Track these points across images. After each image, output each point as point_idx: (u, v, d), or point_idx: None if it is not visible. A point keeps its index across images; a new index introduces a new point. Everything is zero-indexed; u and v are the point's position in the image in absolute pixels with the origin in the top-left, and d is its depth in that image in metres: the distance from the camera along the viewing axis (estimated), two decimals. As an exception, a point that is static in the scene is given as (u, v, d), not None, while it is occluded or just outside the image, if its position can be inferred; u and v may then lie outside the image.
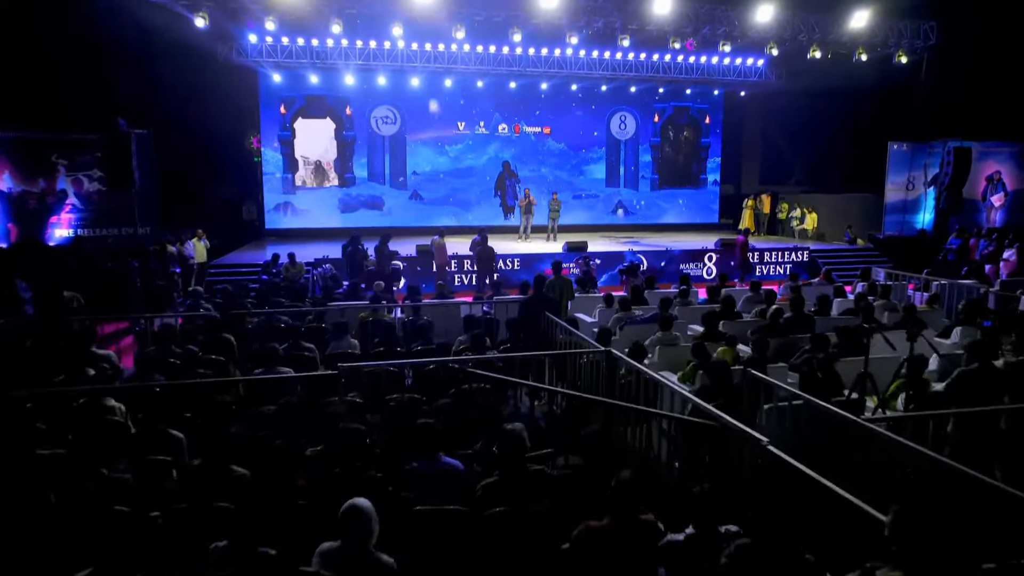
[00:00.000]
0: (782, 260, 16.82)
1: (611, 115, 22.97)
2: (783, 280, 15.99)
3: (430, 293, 14.64)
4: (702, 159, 23.89)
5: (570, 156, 22.87)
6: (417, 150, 21.69)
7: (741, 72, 21.33)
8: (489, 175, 22.25)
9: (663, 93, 22.68)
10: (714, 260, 16.40)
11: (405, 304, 8.75)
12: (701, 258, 16.37)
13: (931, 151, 17.35)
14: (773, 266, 16.77)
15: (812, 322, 7.59)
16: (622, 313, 7.86)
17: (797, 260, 16.76)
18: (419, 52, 18.76)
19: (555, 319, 6.60)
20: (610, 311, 8.61)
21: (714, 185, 24.11)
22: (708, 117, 23.62)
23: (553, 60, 19.83)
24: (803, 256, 16.76)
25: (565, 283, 8.50)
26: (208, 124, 17.97)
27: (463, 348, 6.52)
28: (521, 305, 7.22)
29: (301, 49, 18.30)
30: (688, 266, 16.14)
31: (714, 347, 6.40)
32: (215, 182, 19.44)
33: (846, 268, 16.67)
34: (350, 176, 21.32)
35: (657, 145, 23.39)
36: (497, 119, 22.05)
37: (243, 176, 20.64)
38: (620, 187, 23.42)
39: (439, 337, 7.94)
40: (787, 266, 16.65)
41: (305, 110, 20.71)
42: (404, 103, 21.19)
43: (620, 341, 7.65)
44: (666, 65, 20.75)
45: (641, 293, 9.30)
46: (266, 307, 8.93)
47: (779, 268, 16.72)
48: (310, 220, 21.05)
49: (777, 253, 16.85)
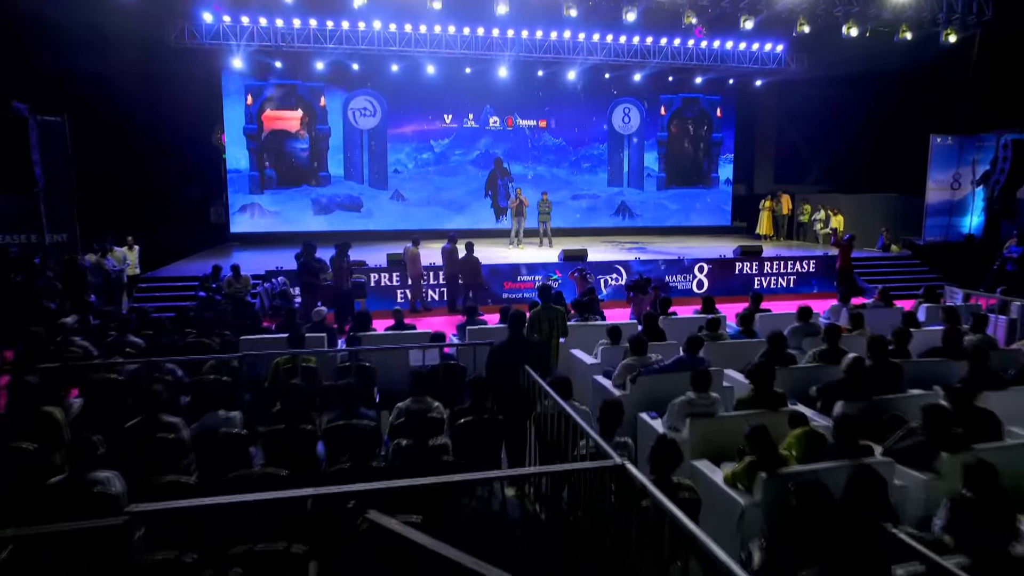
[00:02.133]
0: (803, 270, 14.64)
1: (614, 107, 20.84)
2: (795, 295, 13.84)
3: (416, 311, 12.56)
4: (713, 156, 21.76)
5: (568, 152, 20.74)
6: (399, 145, 19.57)
7: (758, 58, 19.20)
8: (479, 173, 20.14)
9: (671, 83, 20.54)
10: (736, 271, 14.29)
11: (341, 348, 6.57)
12: (733, 267, 14.25)
13: (981, 145, 15.22)
14: (790, 277, 14.60)
15: (899, 373, 5.47)
16: (634, 359, 5.74)
17: (812, 271, 14.52)
18: (397, 34, 16.64)
19: (538, 380, 4.46)
20: (616, 350, 6.49)
21: (726, 184, 21.98)
22: (720, 109, 21.48)
23: (549, 44, 17.72)
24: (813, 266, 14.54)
25: (555, 315, 6.38)
26: (158, 115, 15.83)
27: (400, 423, 4.41)
28: (490, 356, 5.13)
29: (263, 31, 16.17)
30: (677, 279, 14.02)
31: (773, 421, 4.28)
32: (168, 181, 17.28)
33: (880, 279, 14.56)
34: (324, 174, 19.21)
35: (664, 140, 21.26)
36: (488, 111, 19.93)
37: (204, 175, 18.51)
38: (623, 186, 21.30)
39: (390, 386, 5.86)
40: (811, 278, 14.52)
41: (273, 100, 18.60)
42: (384, 93, 19.08)
43: (632, 398, 5.53)
44: (675, 50, 18.64)
45: (655, 322, 7.19)
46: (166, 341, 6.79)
47: (784, 280, 14.56)
48: (280, 223, 18.95)
49: (796, 262, 14.64)
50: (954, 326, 6.63)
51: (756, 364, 5.01)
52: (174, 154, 17.28)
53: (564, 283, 13.05)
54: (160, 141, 16.75)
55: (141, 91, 15.02)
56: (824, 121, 20.23)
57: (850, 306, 8.85)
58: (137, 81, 14.91)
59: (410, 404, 4.59)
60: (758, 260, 14.34)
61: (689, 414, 4.69)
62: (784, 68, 19.22)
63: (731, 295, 13.70)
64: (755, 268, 14.29)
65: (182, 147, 17.42)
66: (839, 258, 13.23)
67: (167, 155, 17.10)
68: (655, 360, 5.84)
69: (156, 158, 16.84)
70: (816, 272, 14.59)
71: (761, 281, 14.37)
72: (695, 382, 4.79)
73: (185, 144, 17.46)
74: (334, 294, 10.48)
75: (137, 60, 14.76)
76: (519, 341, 5.20)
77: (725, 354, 6.72)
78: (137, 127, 16.06)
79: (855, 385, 4.88)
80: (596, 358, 6.73)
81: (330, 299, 10.69)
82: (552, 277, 13.32)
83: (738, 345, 6.98)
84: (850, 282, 13.22)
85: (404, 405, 4.58)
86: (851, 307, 8.84)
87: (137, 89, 15.13)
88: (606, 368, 6.38)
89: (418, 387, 4.65)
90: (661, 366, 5.74)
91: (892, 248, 16.80)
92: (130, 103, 15.32)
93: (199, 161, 18.15)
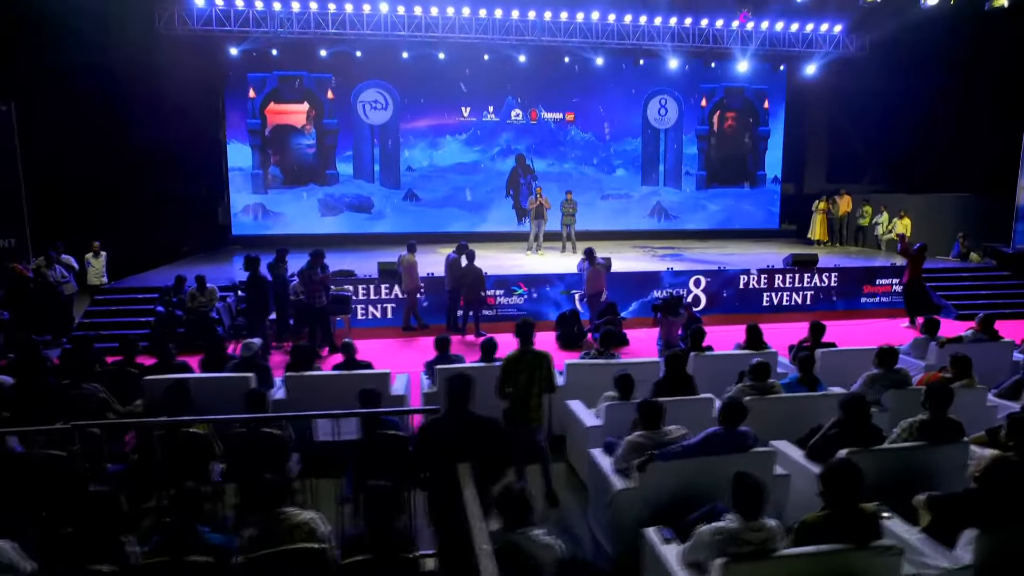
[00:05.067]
0: (825, 283, 12.48)
1: (649, 99, 18.92)
2: (811, 313, 11.73)
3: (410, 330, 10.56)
4: (760, 151, 19.65)
5: (598, 148, 18.92)
6: (413, 141, 18.05)
7: (812, 41, 17.07)
8: (500, 171, 18.47)
9: (712, 71, 18.51)
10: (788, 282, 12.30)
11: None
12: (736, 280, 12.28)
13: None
14: (806, 293, 12.48)
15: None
16: (645, 435, 3.99)
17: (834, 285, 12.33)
18: (406, 18, 15.11)
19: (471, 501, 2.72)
20: (626, 408, 4.73)
21: (774, 183, 19.84)
22: (767, 100, 19.35)
23: (576, 27, 15.97)
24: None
25: (537, 362, 4.65)
26: (144, 109, 14.62)
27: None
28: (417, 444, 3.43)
29: (260, 15, 14.81)
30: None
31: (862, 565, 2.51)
32: (164, 180, 16.11)
33: (958, 294, 12.39)
34: (332, 172, 17.82)
35: (704, 135, 19.25)
36: (509, 103, 18.25)
37: (204, 173, 17.26)
38: (659, 185, 19.36)
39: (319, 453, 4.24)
40: (832, 293, 12.42)
41: (278, 93, 17.27)
42: (396, 84, 17.58)
43: (639, 496, 3.79)
44: (716, 33, 16.68)
45: (682, 366, 5.40)
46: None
47: (799, 296, 12.46)
48: (285, 225, 17.64)
49: (826, 276, 12.48)
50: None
51: (833, 465, 3.19)
52: (169, 151, 16.11)
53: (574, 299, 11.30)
54: (152, 136, 15.59)
55: (128, 81, 13.81)
56: (886, 111, 17.88)
57: (940, 339, 6.89)
58: (123, 70, 13.69)
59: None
60: (808, 272, 12.27)
61: (726, 547, 2.94)
62: (842, 51, 17.04)
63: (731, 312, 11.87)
64: (764, 281, 12.26)
65: (178, 143, 16.23)
66: (907, 270, 11.18)
67: (161, 152, 15.93)
68: (676, 435, 4.08)
69: (148, 155, 15.68)
70: (840, 286, 12.47)
71: (772, 297, 12.35)
72: (741, 501, 3.01)
73: (182, 139, 16.25)
74: (305, 311, 8.95)
75: (124, 48, 13.54)
76: (458, 417, 3.50)
77: (776, 415, 4.91)
78: (127, 121, 14.94)
79: (1000, 503, 3.05)
80: (599, 419, 4.99)
81: (301, 318, 9.18)
82: (568, 291, 11.57)
83: (795, 402, 5.14)
84: (922, 297, 11.16)
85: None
86: (941, 340, 6.89)
87: (124, 79, 13.96)
88: (609, 436, 4.63)
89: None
90: (684, 446, 3.97)
91: (971, 257, 14.52)
92: (119, 94, 14.19)
93: (197, 158, 16.91)
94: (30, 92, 12.07)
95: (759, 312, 12.03)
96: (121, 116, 14.60)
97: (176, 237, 16.25)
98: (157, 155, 15.62)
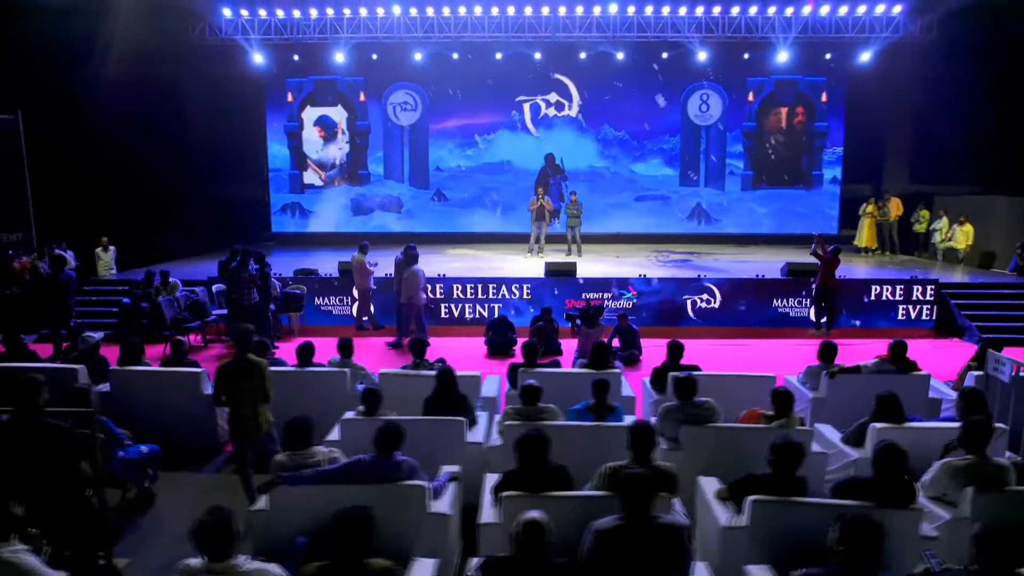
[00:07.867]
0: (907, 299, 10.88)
1: (689, 94, 17.79)
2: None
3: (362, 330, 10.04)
4: (816, 149, 17.88)
5: (632, 147, 18.08)
6: (441, 141, 18.17)
7: (871, 26, 15.28)
8: (529, 171, 18.14)
9: (760, 64, 17.05)
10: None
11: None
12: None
13: None
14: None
15: None
16: (288, 455, 3.63)
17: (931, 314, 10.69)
18: (435, 19, 15.25)
19: None
20: (366, 426, 4.38)
21: (832, 184, 17.98)
22: (825, 93, 17.55)
23: (609, 19, 15.38)
24: (925, 293, 10.65)
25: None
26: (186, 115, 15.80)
27: None
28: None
29: (282, 23, 15.52)
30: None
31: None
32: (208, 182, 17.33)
33: (1003, 314, 10.55)
34: (364, 173, 18.33)
35: (751, 132, 17.81)
36: (536, 106, 17.87)
37: (243, 174, 18.30)
38: (700, 186, 18.18)
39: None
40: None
41: (313, 97, 18.03)
42: (425, 86, 17.77)
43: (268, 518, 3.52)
44: (766, 20, 15.36)
45: (453, 384, 4.89)
46: None
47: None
48: (319, 224, 18.40)
49: (894, 288, 10.89)
50: None
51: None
52: (214, 154, 17.33)
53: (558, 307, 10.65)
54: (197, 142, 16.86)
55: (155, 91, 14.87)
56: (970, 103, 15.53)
57: (833, 368, 5.87)
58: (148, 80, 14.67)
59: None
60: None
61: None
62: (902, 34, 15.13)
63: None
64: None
65: (221, 147, 17.41)
66: (818, 274, 9.94)
67: (204, 155, 17.19)
68: (320, 458, 3.73)
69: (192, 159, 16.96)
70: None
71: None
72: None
73: (225, 143, 17.41)
74: (237, 309, 9.25)
75: (159, 58, 14.65)
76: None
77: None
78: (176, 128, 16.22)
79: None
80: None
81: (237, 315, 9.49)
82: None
83: (564, 432, 4.54)
84: (829, 306, 9.90)
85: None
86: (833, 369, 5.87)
87: (161, 87, 15.12)
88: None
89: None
90: (319, 471, 3.62)
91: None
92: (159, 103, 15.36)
93: (239, 161, 17.98)
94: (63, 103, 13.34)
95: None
96: (159, 124, 15.75)
97: (220, 235, 17.24)
98: (198, 159, 16.89)
